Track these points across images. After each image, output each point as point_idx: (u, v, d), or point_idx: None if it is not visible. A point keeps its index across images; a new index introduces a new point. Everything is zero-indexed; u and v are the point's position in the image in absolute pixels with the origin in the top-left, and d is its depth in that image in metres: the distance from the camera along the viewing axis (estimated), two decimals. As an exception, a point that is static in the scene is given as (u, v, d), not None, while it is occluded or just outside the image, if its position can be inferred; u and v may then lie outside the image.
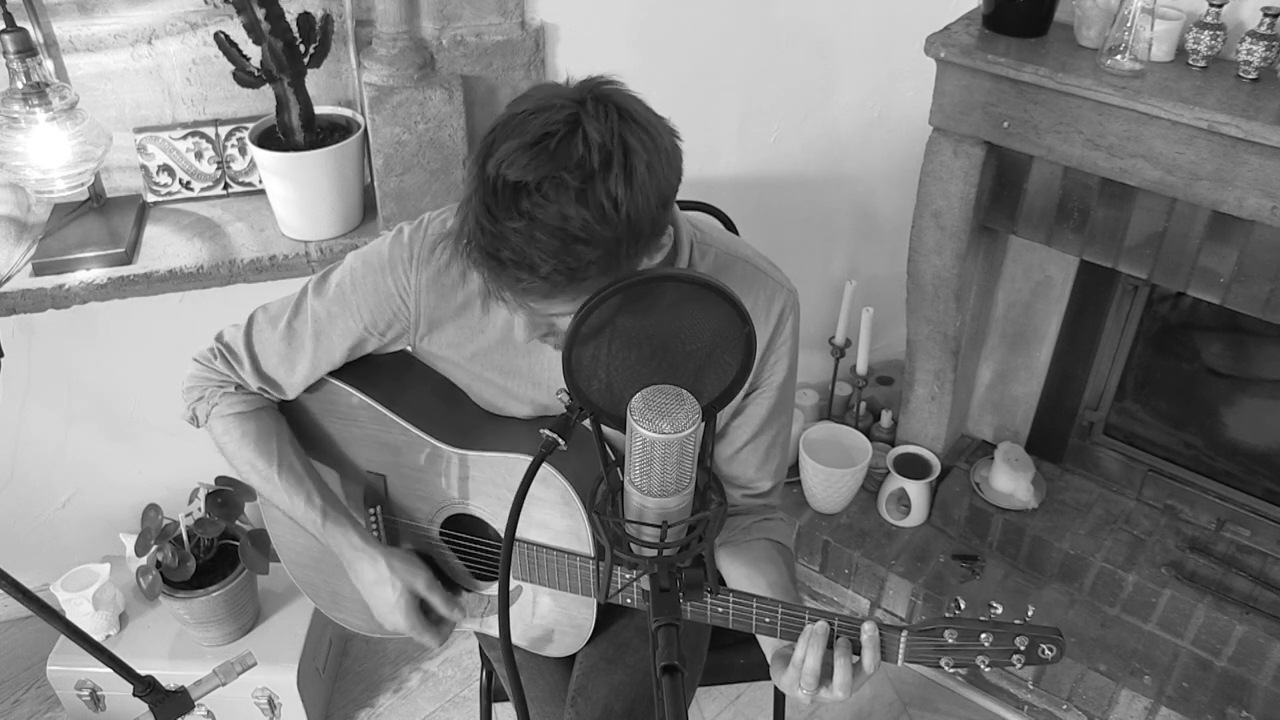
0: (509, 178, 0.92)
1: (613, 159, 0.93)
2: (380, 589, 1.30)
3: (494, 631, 1.38)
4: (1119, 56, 1.71)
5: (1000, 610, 1.08)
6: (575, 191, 0.92)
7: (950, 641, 1.07)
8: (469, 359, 1.28)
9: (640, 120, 0.96)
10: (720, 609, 1.14)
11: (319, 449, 1.37)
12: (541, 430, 1.06)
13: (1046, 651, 1.06)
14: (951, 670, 1.09)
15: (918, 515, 2.38)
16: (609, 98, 0.96)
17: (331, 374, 1.32)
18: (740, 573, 1.28)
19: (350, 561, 1.32)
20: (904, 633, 1.08)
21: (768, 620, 1.13)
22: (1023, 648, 1.06)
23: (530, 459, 1.03)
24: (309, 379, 1.30)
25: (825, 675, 1.08)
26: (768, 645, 1.19)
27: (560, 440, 1.07)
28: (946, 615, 1.08)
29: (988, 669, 1.09)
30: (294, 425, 1.35)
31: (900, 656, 1.09)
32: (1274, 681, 1.99)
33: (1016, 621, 1.07)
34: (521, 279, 0.96)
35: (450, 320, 1.25)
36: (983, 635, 1.06)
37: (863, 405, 2.52)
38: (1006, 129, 1.86)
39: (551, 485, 1.22)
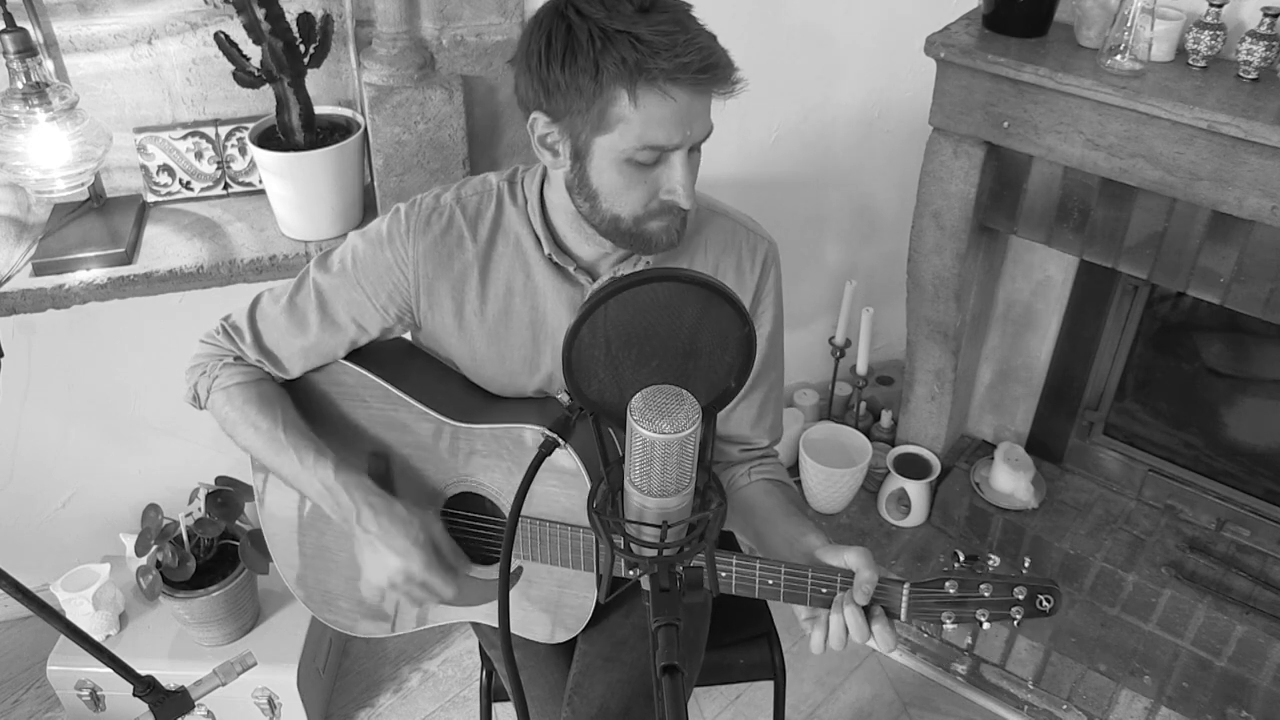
0: (644, 32, 1.02)
1: None
2: (396, 530, 1.23)
3: (493, 621, 1.37)
4: (1119, 56, 1.71)
5: (998, 561, 1.10)
6: None
7: (952, 593, 1.09)
8: (473, 334, 1.30)
9: None
10: (723, 573, 1.15)
11: (320, 431, 1.37)
12: (541, 430, 1.07)
13: (1044, 602, 1.07)
14: (952, 626, 1.10)
15: (918, 515, 2.38)
16: None
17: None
18: (738, 514, 1.32)
19: (363, 508, 1.25)
20: (906, 585, 1.10)
21: (770, 583, 1.13)
22: (1021, 598, 1.08)
23: (536, 428, 1.04)
24: (310, 355, 1.31)
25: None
26: (800, 612, 1.19)
27: (560, 440, 1.07)
28: (946, 569, 1.10)
29: (987, 625, 1.09)
30: (296, 405, 1.35)
31: (904, 610, 1.11)
32: (1274, 681, 1.99)
33: (1014, 574, 1.09)
34: (731, 68, 1.08)
35: (449, 291, 1.27)
36: (982, 586, 1.08)
37: (863, 405, 2.52)
38: (1006, 129, 1.86)
39: (558, 457, 1.22)
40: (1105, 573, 2.20)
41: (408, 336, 1.38)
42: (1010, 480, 2.31)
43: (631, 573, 1.04)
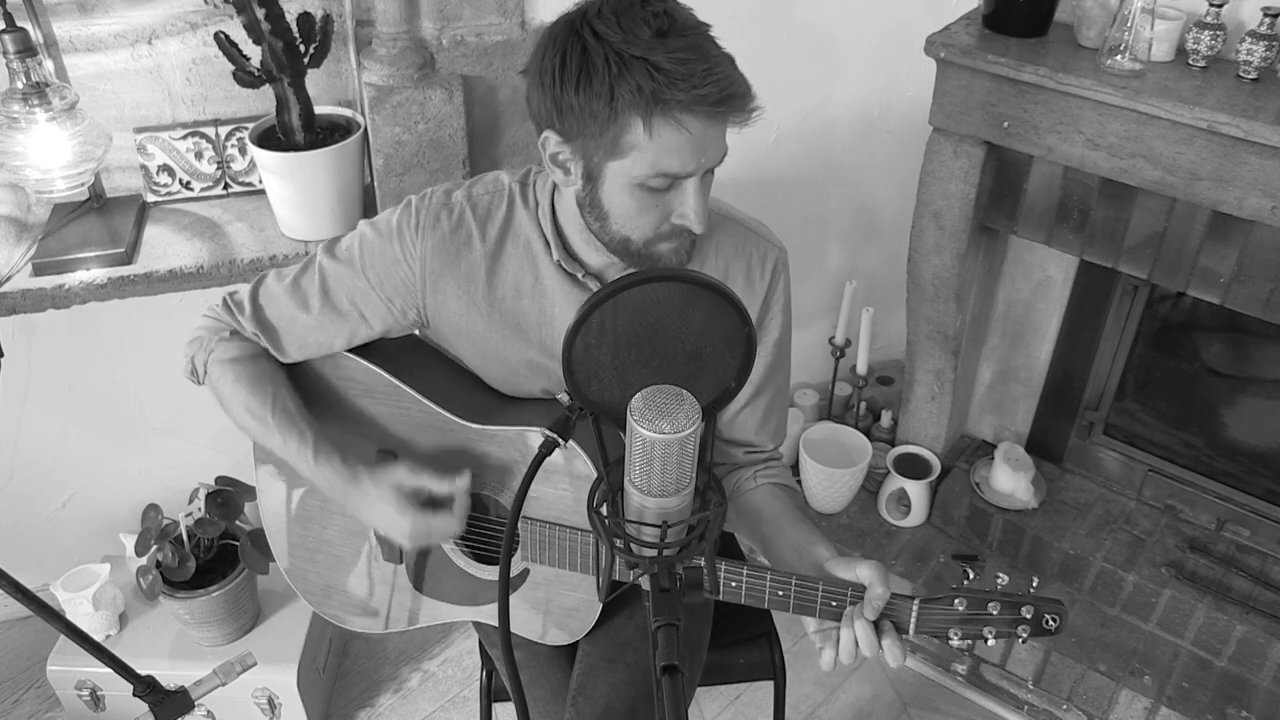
0: (661, 60, 1.01)
1: None
2: (375, 506, 1.24)
3: (496, 621, 1.37)
4: (1119, 56, 1.71)
5: (1007, 580, 1.10)
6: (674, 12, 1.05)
7: (960, 610, 1.09)
8: (480, 333, 1.29)
9: None
10: (734, 583, 1.14)
11: (328, 427, 1.36)
12: (541, 430, 1.07)
13: (1050, 622, 1.08)
14: (959, 643, 1.10)
15: (918, 515, 2.38)
16: None
17: (346, 352, 1.33)
18: (744, 519, 1.32)
19: (344, 497, 1.27)
20: (915, 601, 1.10)
21: (780, 594, 1.13)
22: (1028, 617, 1.08)
23: (544, 431, 1.04)
24: (307, 339, 1.31)
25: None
26: (810, 624, 1.20)
27: (560, 440, 1.07)
28: (954, 586, 1.10)
29: (994, 641, 1.10)
30: (303, 394, 1.34)
31: (912, 626, 1.11)
32: (1274, 681, 1.99)
33: (1022, 593, 1.09)
34: (748, 99, 1.06)
35: (456, 288, 1.27)
36: (990, 605, 1.08)
37: (863, 405, 2.53)
38: (1006, 129, 1.86)
39: (567, 457, 1.22)
40: (1105, 573, 2.20)
41: (416, 333, 1.38)
42: (1010, 480, 2.31)
43: (631, 574, 1.05)
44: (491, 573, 1.37)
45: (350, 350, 1.33)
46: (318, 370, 1.35)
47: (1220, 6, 1.68)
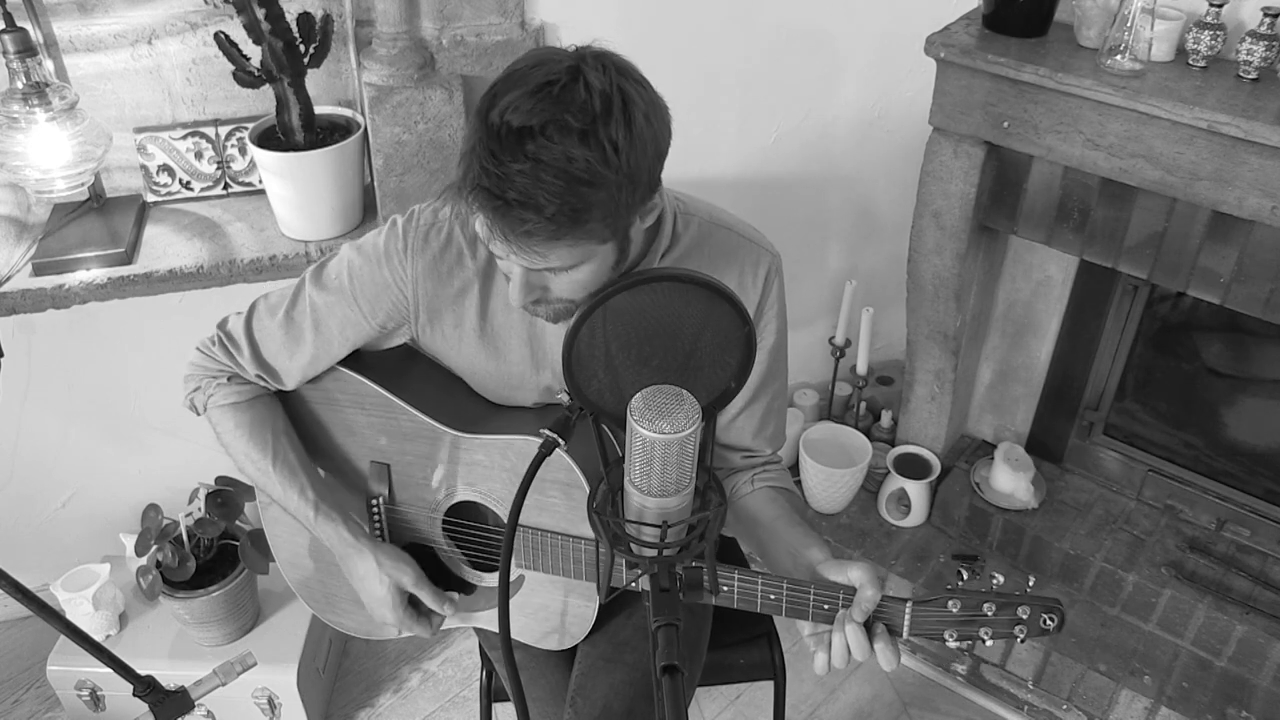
0: (513, 123, 0.95)
1: (613, 105, 0.96)
2: (370, 583, 1.32)
3: (495, 627, 1.38)
4: (1119, 56, 1.71)
5: (1002, 580, 1.09)
6: (579, 134, 0.95)
7: (955, 612, 1.08)
8: (472, 349, 1.29)
9: (636, 76, 1.01)
10: (725, 587, 1.14)
11: (321, 439, 1.37)
12: (541, 430, 1.07)
13: (1048, 621, 1.07)
14: (956, 644, 1.10)
15: (918, 515, 2.38)
16: (606, 55, 1.00)
17: (338, 365, 1.33)
18: (741, 523, 1.32)
19: (341, 556, 1.33)
20: (909, 604, 1.09)
21: (772, 598, 1.13)
22: (1025, 617, 1.07)
23: (538, 440, 1.04)
24: (307, 369, 1.31)
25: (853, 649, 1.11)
26: (804, 628, 1.19)
27: (560, 440, 1.07)
28: (949, 587, 1.10)
29: (990, 642, 1.09)
30: (296, 416, 1.35)
31: (906, 628, 1.10)
32: (1274, 681, 1.99)
33: (1018, 593, 1.08)
34: (526, 220, 0.97)
35: (448, 308, 1.26)
36: (986, 605, 1.07)
37: (863, 405, 2.53)
38: (1006, 129, 1.86)
39: (558, 467, 1.22)
40: (1105, 573, 2.20)
41: (408, 341, 1.38)
42: (1010, 480, 2.31)
43: (627, 575, 1.05)
44: (488, 579, 1.38)
45: (341, 363, 1.32)
46: (309, 383, 1.35)
47: (1220, 6, 1.68)
